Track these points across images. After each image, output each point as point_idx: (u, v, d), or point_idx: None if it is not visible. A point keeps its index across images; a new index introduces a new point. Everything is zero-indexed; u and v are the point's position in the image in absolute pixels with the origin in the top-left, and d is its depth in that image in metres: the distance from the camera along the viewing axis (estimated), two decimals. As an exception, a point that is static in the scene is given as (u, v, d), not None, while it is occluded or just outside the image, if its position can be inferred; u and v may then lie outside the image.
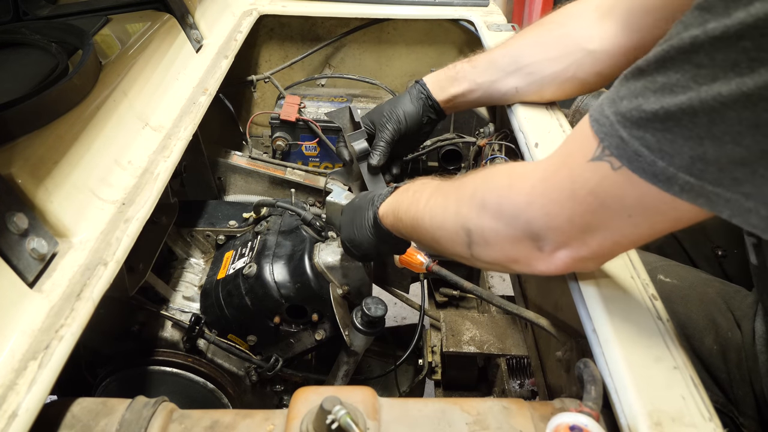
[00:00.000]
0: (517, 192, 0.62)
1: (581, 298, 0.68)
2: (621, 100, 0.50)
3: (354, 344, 0.95)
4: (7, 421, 0.52)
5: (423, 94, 1.05)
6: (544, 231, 0.60)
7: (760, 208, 0.45)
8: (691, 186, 0.46)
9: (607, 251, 0.60)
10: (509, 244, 0.64)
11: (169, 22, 1.17)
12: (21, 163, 0.69)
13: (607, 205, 0.54)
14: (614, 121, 0.50)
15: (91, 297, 0.65)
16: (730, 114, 0.42)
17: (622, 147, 0.49)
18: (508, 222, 0.63)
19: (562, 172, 0.58)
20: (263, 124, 1.68)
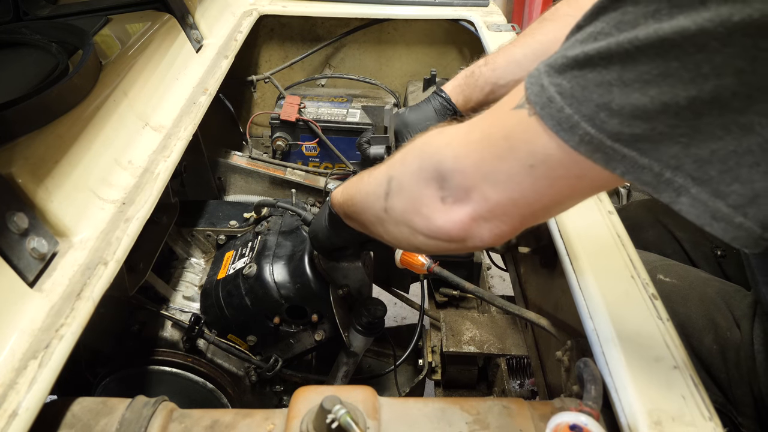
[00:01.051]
0: (443, 134, 0.62)
1: (581, 297, 0.68)
2: (554, 54, 0.51)
3: (353, 345, 0.95)
4: (7, 420, 0.52)
5: (449, 109, 1.03)
6: (450, 173, 0.58)
7: (654, 164, 0.45)
8: (590, 138, 0.46)
9: (503, 210, 0.57)
10: (418, 189, 0.62)
11: (170, 22, 1.17)
12: (21, 163, 0.69)
13: (514, 150, 0.53)
14: (542, 71, 0.50)
15: (92, 296, 0.65)
16: (643, 60, 0.43)
17: (540, 93, 0.50)
18: (423, 161, 0.62)
19: (486, 119, 0.58)
20: (263, 124, 1.69)
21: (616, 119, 0.45)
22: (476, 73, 1.01)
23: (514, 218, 0.57)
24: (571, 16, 0.93)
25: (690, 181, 0.44)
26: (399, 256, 0.99)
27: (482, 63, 1.01)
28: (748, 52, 0.39)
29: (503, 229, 0.58)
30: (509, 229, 0.59)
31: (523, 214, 0.57)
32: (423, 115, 1.05)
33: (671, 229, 1.13)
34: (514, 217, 0.57)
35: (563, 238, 0.77)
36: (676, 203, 0.46)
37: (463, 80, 1.03)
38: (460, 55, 1.74)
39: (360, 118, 1.51)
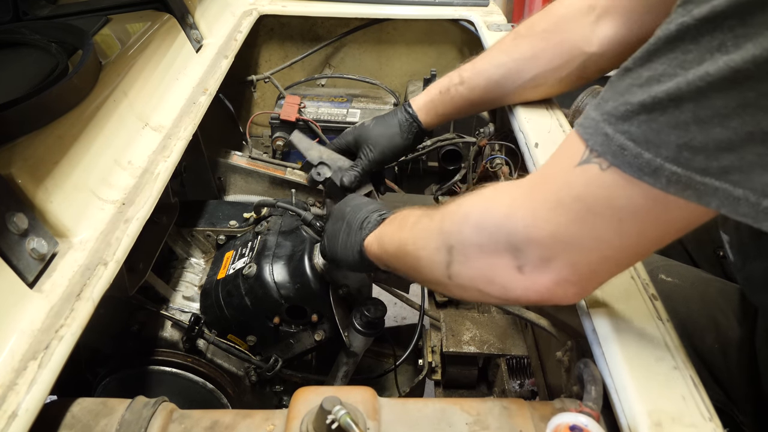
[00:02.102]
0: (500, 202, 0.60)
1: (581, 298, 0.68)
2: (606, 101, 0.49)
3: (353, 345, 0.95)
4: (6, 421, 0.52)
5: (415, 126, 1.03)
6: (524, 244, 0.56)
7: (749, 195, 0.44)
8: (678, 177, 0.45)
9: (592, 271, 0.55)
10: (487, 259, 0.60)
11: (169, 22, 1.17)
12: (21, 163, 0.69)
13: (594, 210, 0.51)
14: (599, 120, 0.49)
15: (91, 297, 0.65)
16: (716, 95, 0.42)
17: (607, 143, 0.48)
18: (489, 233, 0.59)
19: (547, 181, 0.56)
20: (263, 124, 1.68)
21: (701, 155, 0.44)
22: (452, 91, 0.99)
23: (602, 274, 0.56)
24: (549, 30, 0.92)
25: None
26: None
27: (458, 82, 0.99)
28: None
29: (590, 287, 0.58)
30: (595, 285, 0.58)
31: (610, 270, 0.56)
32: (386, 130, 1.04)
33: None
34: (602, 273, 0.56)
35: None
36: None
37: (436, 97, 1.02)
38: (460, 55, 1.74)
39: (360, 118, 1.51)
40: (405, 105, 1.04)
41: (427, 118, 1.03)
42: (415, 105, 1.04)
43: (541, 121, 1.02)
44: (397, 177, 1.58)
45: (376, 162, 1.04)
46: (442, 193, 1.39)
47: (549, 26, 0.92)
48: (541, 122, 1.01)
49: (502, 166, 1.11)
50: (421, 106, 1.03)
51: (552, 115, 1.02)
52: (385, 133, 1.04)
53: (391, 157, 1.05)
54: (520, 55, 0.94)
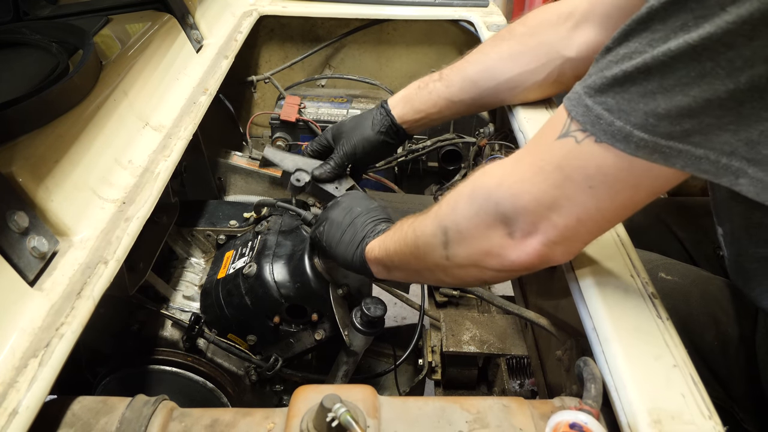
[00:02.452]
0: (490, 175, 0.65)
1: (581, 297, 0.68)
2: (589, 76, 0.54)
3: (353, 344, 0.95)
4: (7, 418, 0.52)
5: (387, 119, 1.02)
6: (511, 212, 0.61)
7: (709, 154, 0.49)
8: (645, 142, 0.50)
9: (573, 231, 0.60)
10: (481, 232, 0.64)
11: (170, 22, 1.17)
12: (22, 162, 0.69)
13: (570, 177, 0.57)
14: (581, 94, 0.55)
15: (92, 295, 0.65)
16: (679, 66, 0.47)
17: (587, 114, 0.54)
18: (479, 206, 0.64)
19: (532, 152, 0.62)
20: (263, 125, 1.69)
21: (665, 121, 0.49)
22: (429, 86, 1.00)
23: (584, 235, 0.62)
24: (527, 34, 0.94)
25: (745, 162, 0.49)
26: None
27: (437, 78, 1.00)
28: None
29: (576, 247, 0.64)
30: (581, 245, 0.64)
31: (590, 230, 0.61)
32: (358, 123, 1.04)
33: (673, 229, 1.13)
34: (584, 234, 0.62)
35: (563, 237, 0.77)
36: (736, 185, 0.50)
37: (413, 91, 1.02)
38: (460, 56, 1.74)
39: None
40: (382, 101, 1.05)
41: (402, 112, 1.02)
42: (391, 100, 1.04)
43: (540, 121, 1.02)
44: (397, 177, 1.58)
45: (347, 154, 1.03)
46: (442, 193, 1.39)
47: (528, 30, 0.94)
48: (540, 122, 1.01)
49: (501, 166, 1.11)
50: (397, 100, 1.03)
51: (552, 115, 1.02)
52: (357, 126, 1.04)
53: (364, 149, 1.03)
54: (497, 55, 0.96)
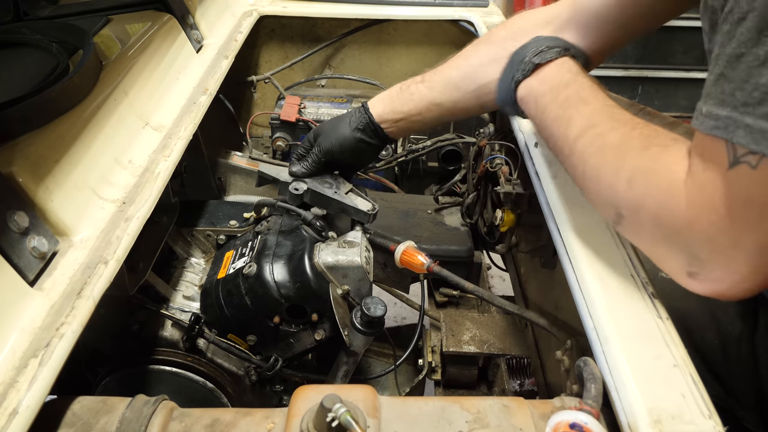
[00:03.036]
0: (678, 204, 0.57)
1: (581, 296, 0.68)
2: (732, 94, 0.48)
3: (353, 344, 0.95)
4: (7, 418, 0.52)
5: (365, 118, 1.02)
6: (706, 256, 0.55)
7: None
8: None
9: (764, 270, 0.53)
10: (660, 246, 0.60)
11: (170, 22, 1.17)
12: (22, 162, 0.69)
13: (764, 213, 0.49)
14: (735, 116, 0.48)
15: (92, 295, 0.65)
16: None
17: (751, 134, 0.47)
18: (665, 234, 0.59)
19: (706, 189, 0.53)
20: (263, 125, 1.69)
21: None
22: (412, 88, 1.00)
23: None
24: (508, 39, 0.92)
25: None
26: (399, 256, 0.99)
27: (419, 80, 1.00)
28: None
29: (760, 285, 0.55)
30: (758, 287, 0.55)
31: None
32: (336, 122, 1.04)
33: None
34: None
35: (563, 237, 0.77)
36: None
37: (395, 92, 1.02)
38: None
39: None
40: (363, 103, 1.04)
41: (382, 112, 1.02)
42: (372, 100, 1.04)
43: (540, 120, 1.01)
44: (397, 177, 1.58)
45: (324, 151, 1.02)
46: (442, 193, 1.40)
47: (508, 35, 0.93)
48: (540, 122, 1.01)
49: (502, 166, 1.11)
50: (378, 100, 1.03)
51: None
52: (336, 124, 1.04)
53: (341, 146, 1.02)
54: (477, 60, 0.95)
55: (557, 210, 0.81)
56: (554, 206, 0.82)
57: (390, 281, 1.25)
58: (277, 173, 1.06)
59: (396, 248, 1.00)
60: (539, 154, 0.93)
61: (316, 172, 1.03)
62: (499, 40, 0.94)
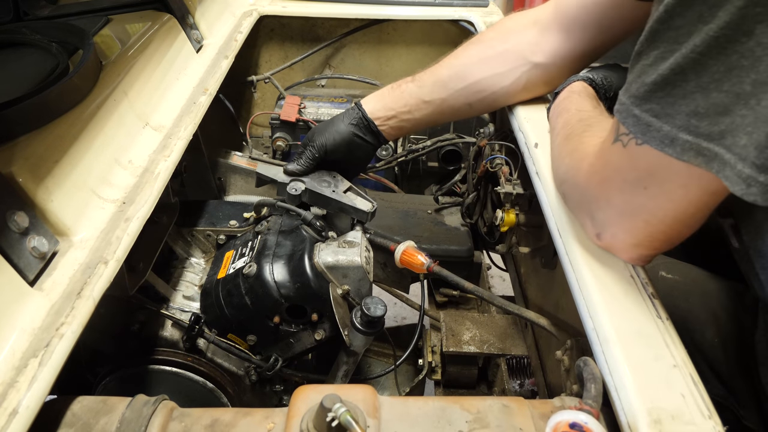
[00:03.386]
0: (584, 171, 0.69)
1: (581, 297, 0.68)
2: (630, 84, 0.55)
3: (353, 344, 0.95)
4: (7, 418, 0.52)
5: (357, 114, 1.03)
6: (595, 213, 0.67)
7: (732, 159, 0.48)
8: (690, 144, 0.50)
9: (645, 234, 0.63)
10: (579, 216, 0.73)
11: (170, 22, 1.17)
12: (21, 162, 0.69)
13: (627, 181, 0.59)
14: (629, 104, 0.55)
15: (92, 295, 0.65)
16: (710, 62, 0.47)
17: (637, 123, 0.54)
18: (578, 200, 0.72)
19: (599, 159, 0.66)
20: (263, 125, 1.69)
21: (705, 121, 0.49)
22: (403, 86, 1.03)
23: (656, 236, 0.63)
24: (496, 39, 0.96)
25: (756, 170, 0.47)
26: (399, 256, 0.99)
27: (410, 79, 1.03)
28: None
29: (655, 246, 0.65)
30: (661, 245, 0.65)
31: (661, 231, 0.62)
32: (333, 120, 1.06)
33: None
34: (655, 235, 0.63)
35: (563, 237, 0.77)
36: (747, 194, 0.48)
37: (387, 90, 1.04)
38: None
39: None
40: (357, 102, 1.06)
41: (374, 108, 1.03)
42: (365, 99, 1.05)
43: (540, 121, 1.02)
44: (397, 177, 1.58)
45: (318, 147, 1.02)
46: (442, 193, 1.40)
47: (498, 35, 0.97)
48: (540, 122, 1.01)
49: (502, 166, 1.11)
50: (370, 98, 1.05)
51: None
52: (331, 122, 1.06)
53: (335, 141, 1.03)
54: (467, 59, 0.98)
55: (557, 210, 0.81)
56: (554, 206, 0.82)
57: (390, 281, 1.25)
58: (275, 174, 1.07)
59: (396, 248, 1.00)
60: (539, 154, 0.93)
61: (311, 170, 1.04)
62: (488, 40, 0.97)
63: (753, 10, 0.43)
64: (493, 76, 0.97)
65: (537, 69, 0.94)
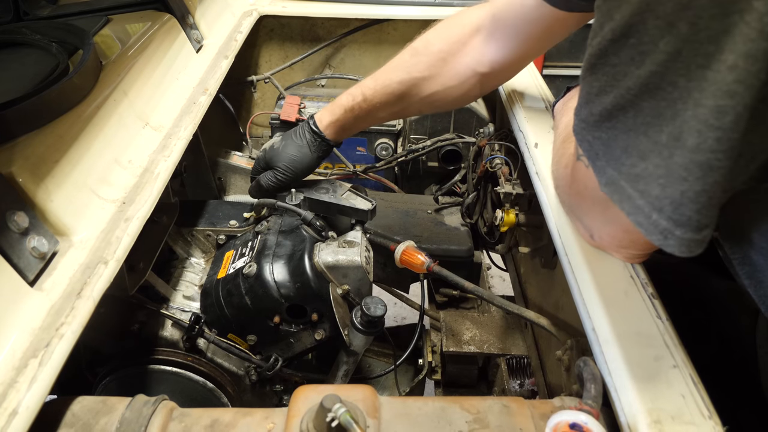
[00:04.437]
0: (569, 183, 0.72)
1: (581, 297, 0.68)
2: (581, 107, 0.56)
3: (353, 344, 0.95)
4: (7, 418, 0.52)
5: (317, 136, 1.06)
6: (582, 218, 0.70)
7: (645, 206, 0.48)
8: (612, 180, 0.51)
9: (628, 240, 0.64)
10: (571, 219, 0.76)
11: (170, 22, 1.17)
12: (21, 162, 0.69)
13: (595, 197, 0.61)
14: (582, 128, 0.56)
15: (92, 295, 0.65)
16: (644, 105, 0.47)
17: (590, 149, 0.55)
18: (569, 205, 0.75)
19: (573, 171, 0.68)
20: (263, 125, 1.69)
21: (629, 161, 0.49)
22: (356, 109, 1.04)
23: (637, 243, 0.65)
24: (445, 51, 0.98)
25: (672, 223, 0.47)
26: (398, 256, 0.99)
27: (361, 100, 1.04)
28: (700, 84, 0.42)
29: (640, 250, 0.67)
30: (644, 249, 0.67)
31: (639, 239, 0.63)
32: (290, 148, 1.07)
33: None
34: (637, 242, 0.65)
35: (563, 237, 0.77)
36: (666, 245, 0.49)
37: (341, 116, 1.05)
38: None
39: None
40: (310, 122, 1.07)
41: (330, 126, 1.06)
42: (320, 123, 1.06)
43: (540, 121, 1.02)
44: (397, 177, 1.58)
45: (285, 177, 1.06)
46: (442, 193, 1.40)
47: (444, 47, 0.98)
48: (540, 122, 1.01)
49: (501, 167, 1.11)
50: (327, 125, 1.06)
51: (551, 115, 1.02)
52: (288, 148, 1.07)
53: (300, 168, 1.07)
54: (419, 74, 1.00)
55: (557, 210, 0.81)
56: (554, 206, 0.82)
57: (390, 281, 1.25)
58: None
59: (396, 248, 1.00)
60: (539, 154, 0.93)
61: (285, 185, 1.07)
62: (436, 51, 0.99)
63: (674, 64, 0.43)
64: (445, 89, 1.00)
65: (485, 78, 0.98)
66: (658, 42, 0.43)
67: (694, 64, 0.42)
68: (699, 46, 0.42)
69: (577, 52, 3.29)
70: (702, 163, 0.44)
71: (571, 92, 0.93)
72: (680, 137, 0.44)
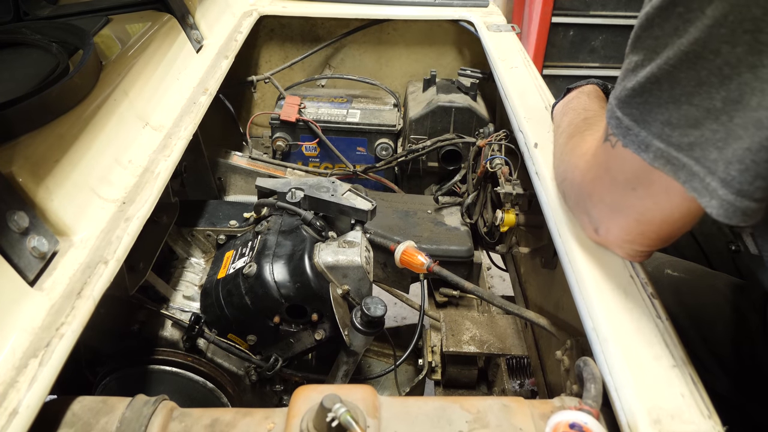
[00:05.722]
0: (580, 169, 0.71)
1: (581, 297, 0.68)
2: (617, 87, 0.57)
3: (353, 344, 0.95)
4: (7, 418, 0.52)
5: None
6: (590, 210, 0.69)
7: (701, 171, 0.49)
8: (661, 152, 0.52)
9: (637, 232, 0.63)
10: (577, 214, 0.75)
11: (170, 22, 1.17)
12: (22, 162, 0.69)
13: (616, 180, 0.60)
14: (614, 106, 0.57)
15: (92, 295, 0.65)
16: (681, 75, 0.48)
17: (619, 125, 0.56)
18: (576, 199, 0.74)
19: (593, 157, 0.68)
20: (263, 125, 1.69)
21: (677, 131, 0.50)
22: None
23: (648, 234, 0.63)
24: None
25: (719, 182, 0.48)
26: (398, 256, 0.99)
27: None
28: (753, 48, 0.43)
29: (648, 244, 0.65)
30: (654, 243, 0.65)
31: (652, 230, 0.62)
32: None
33: None
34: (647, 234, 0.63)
35: (563, 237, 0.77)
36: (708, 206, 0.49)
37: None
38: (460, 56, 1.74)
39: (360, 118, 1.51)
40: None
41: None
42: None
43: (540, 121, 1.02)
44: (397, 177, 1.58)
45: None
46: (442, 193, 1.40)
47: None
48: (540, 122, 1.01)
49: (502, 167, 1.12)
50: None
51: (552, 114, 1.02)
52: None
53: None
54: None
55: (557, 210, 0.81)
56: (554, 206, 0.82)
57: (390, 281, 1.25)
58: (273, 185, 1.08)
59: (396, 248, 1.00)
60: (539, 154, 0.93)
61: None
62: None
63: (718, 30, 0.44)
64: None
65: None
66: (706, 8, 0.44)
67: (741, 29, 0.43)
68: (746, 11, 0.43)
69: (577, 53, 3.29)
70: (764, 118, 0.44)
71: (571, 93, 0.92)
72: (741, 99, 0.45)
